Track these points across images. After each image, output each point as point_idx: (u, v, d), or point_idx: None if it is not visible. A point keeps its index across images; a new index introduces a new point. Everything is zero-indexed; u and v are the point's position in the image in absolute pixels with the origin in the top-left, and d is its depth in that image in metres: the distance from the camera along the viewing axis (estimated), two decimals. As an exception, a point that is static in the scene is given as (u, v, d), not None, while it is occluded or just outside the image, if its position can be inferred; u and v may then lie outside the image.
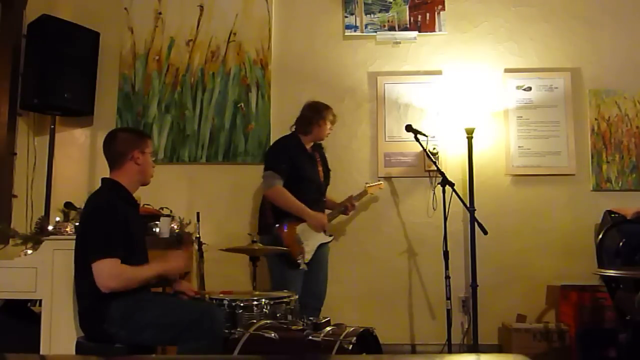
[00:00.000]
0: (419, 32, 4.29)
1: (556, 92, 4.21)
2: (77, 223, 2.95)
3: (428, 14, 4.30)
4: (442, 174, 3.61)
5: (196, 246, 3.69)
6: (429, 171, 4.12)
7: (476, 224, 3.54)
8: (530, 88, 4.22)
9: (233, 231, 3.85)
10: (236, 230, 3.80)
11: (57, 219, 3.24)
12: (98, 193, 2.56)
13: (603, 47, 4.25)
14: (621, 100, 4.19)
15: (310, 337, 2.30)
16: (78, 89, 4.08)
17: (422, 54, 4.29)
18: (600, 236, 3.54)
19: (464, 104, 4.10)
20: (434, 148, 4.11)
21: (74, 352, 2.46)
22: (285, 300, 2.76)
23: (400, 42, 4.29)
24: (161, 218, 3.61)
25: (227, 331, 2.44)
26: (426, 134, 3.75)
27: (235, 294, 2.84)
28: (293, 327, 2.49)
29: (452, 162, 4.16)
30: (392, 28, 4.31)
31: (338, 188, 3.83)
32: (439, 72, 4.26)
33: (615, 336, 3.32)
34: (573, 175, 4.15)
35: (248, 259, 3.25)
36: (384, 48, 4.31)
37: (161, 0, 4.37)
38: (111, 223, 2.40)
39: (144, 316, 2.36)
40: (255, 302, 2.66)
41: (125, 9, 4.36)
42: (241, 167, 4.25)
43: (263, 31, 4.31)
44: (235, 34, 4.32)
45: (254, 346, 2.31)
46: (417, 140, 3.66)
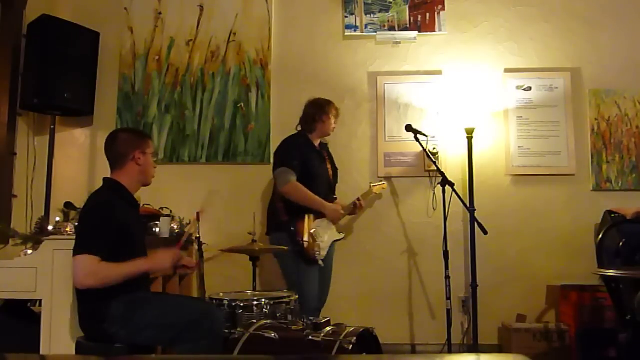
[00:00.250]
0: (419, 32, 4.29)
1: (556, 92, 4.21)
2: (77, 223, 2.95)
3: (428, 14, 4.30)
4: (442, 174, 3.61)
5: (196, 246, 3.69)
6: (429, 171, 4.12)
7: (476, 224, 3.53)
8: (530, 88, 4.22)
9: (233, 231, 3.85)
10: (236, 230, 3.80)
11: (57, 219, 3.23)
12: (98, 192, 2.56)
13: (603, 47, 4.25)
14: (621, 100, 4.19)
15: (310, 337, 2.30)
16: (78, 89, 4.09)
17: (422, 54, 4.29)
18: (600, 236, 3.54)
19: (464, 104, 4.10)
20: (434, 148, 4.11)
21: (74, 352, 2.46)
22: (285, 300, 2.76)
23: (400, 42, 4.29)
24: (161, 218, 3.61)
25: (227, 331, 2.44)
26: (426, 134, 3.75)
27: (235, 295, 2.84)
28: (293, 327, 2.50)
29: (452, 162, 4.16)
30: (392, 28, 4.31)
31: (338, 188, 3.82)
32: (439, 72, 4.26)
33: (615, 336, 3.32)
34: (573, 175, 4.15)
35: (248, 259, 3.26)
36: (384, 48, 4.31)
37: (161, 0, 4.37)
38: (103, 223, 2.39)
39: (144, 316, 2.36)
40: (255, 302, 2.66)
41: (125, 9, 4.36)
42: (241, 167, 4.25)
43: (263, 31, 4.31)
44: (235, 34, 4.32)
45: (254, 346, 2.31)
46: (417, 140, 3.66)
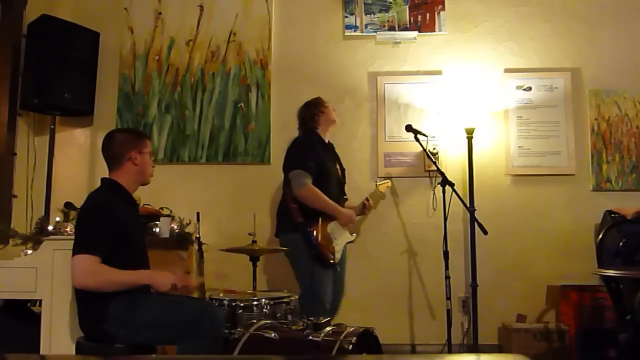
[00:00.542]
0: (419, 32, 4.29)
1: (556, 92, 4.21)
2: (76, 222, 2.95)
3: (428, 14, 4.30)
4: (442, 174, 3.61)
5: (196, 246, 3.69)
6: (429, 171, 4.12)
7: (476, 224, 3.53)
8: (530, 88, 4.22)
9: (233, 231, 3.84)
10: (236, 230, 3.79)
11: (57, 219, 3.23)
12: (97, 192, 2.56)
13: (603, 47, 4.25)
14: (621, 100, 4.19)
15: (310, 337, 2.30)
16: (78, 89, 4.08)
17: (422, 54, 4.29)
18: (600, 236, 3.54)
19: (464, 104, 4.10)
20: (434, 148, 4.11)
21: (74, 352, 2.46)
22: (285, 300, 2.76)
23: (400, 42, 4.29)
24: (161, 218, 3.61)
25: (227, 331, 2.44)
26: (426, 134, 3.75)
27: (237, 294, 2.84)
28: (293, 327, 2.50)
29: (452, 162, 4.16)
30: (392, 28, 4.31)
31: (338, 188, 3.83)
32: (439, 72, 4.26)
33: (615, 336, 3.32)
34: (573, 175, 4.15)
35: (248, 259, 3.26)
36: (384, 48, 4.31)
37: (161, 0, 4.37)
38: (102, 222, 2.39)
39: (144, 316, 2.36)
40: (255, 302, 2.66)
41: (125, 9, 4.36)
42: (241, 167, 4.25)
43: (263, 31, 4.31)
44: (235, 34, 4.32)
45: (254, 346, 2.31)
46: (417, 140, 3.66)
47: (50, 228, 3.11)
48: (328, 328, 2.38)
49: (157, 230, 3.55)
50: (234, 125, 4.25)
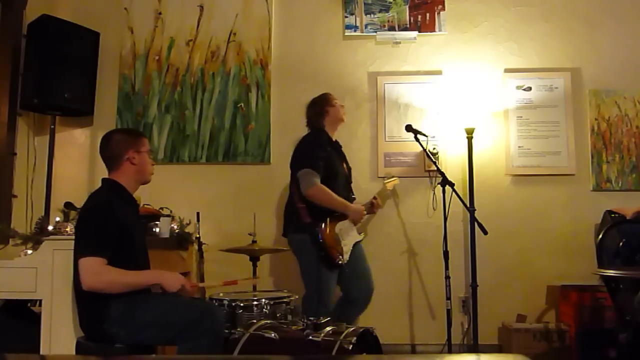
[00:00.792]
0: (419, 32, 4.29)
1: (556, 92, 4.21)
2: (77, 224, 2.94)
3: (428, 14, 4.30)
4: (442, 174, 3.61)
5: (196, 246, 3.69)
6: (429, 171, 4.12)
7: (476, 224, 3.53)
8: (530, 88, 4.22)
9: (233, 231, 3.84)
10: (236, 230, 3.79)
11: (57, 219, 3.23)
12: (97, 192, 2.56)
13: (603, 47, 4.25)
14: (621, 100, 4.19)
15: (310, 337, 2.30)
16: (78, 89, 4.08)
17: (422, 54, 4.29)
18: (600, 236, 3.54)
19: (464, 104, 4.10)
20: (434, 148, 4.11)
21: (74, 352, 2.45)
22: (285, 300, 2.76)
23: (400, 42, 4.29)
24: (161, 218, 3.61)
25: (227, 331, 2.44)
26: (426, 134, 3.74)
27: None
28: (293, 327, 2.50)
29: (452, 162, 4.16)
30: (392, 28, 4.31)
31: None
32: (439, 72, 4.27)
33: (615, 336, 3.32)
34: (573, 175, 4.15)
35: (248, 259, 3.26)
36: (384, 48, 4.31)
37: (161, 0, 4.38)
38: (105, 223, 2.39)
39: (144, 316, 2.36)
40: (255, 302, 2.66)
41: (125, 9, 4.36)
42: (241, 167, 4.25)
43: (263, 31, 4.31)
44: (235, 34, 4.32)
45: (254, 346, 2.31)
46: (417, 140, 3.65)
47: (50, 228, 3.11)
48: (328, 328, 2.38)
49: (157, 230, 3.54)
50: (234, 125, 4.25)
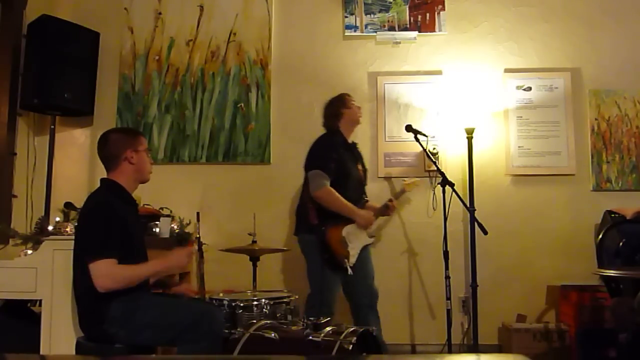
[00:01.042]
0: (419, 32, 4.29)
1: (556, 92, 4.21)
2: (78, 225, 2.95)
3: (428, 14, 4.30)
4: (442, 174, 3.60)
5: (196, 246, 3.69)
6: (429, 171, 4.12)
7: (476, 224, 3.53)
8: (530, 88, 4.22)
9: (233, 231, 3.84)
10: (236, 230, 3.79)
11: (57, 219, 3.23)
12: (96, 193, 2.56)
13: (603, 47, 4.25)
14: (621, 100, 4.19)
15: (310, 337, 2.30)
16: (78, 89, 4.08)
17: (422, 54, 4.29)
18: (600, 236, 3.54)
19: (464, 104, 4.10)
20: (434, 148, 4.11)
21: (74, 352, 2.45)
22: (285, 300, 2.76)
23: (400, 42, 4.29)
24: (161, 218, 3.61)
25: (227, 331, 2.44)
26: (426, 134, 3.73)
27: (235, 295, 2.84)
28: (293, 327, 2.50)
29: (452, 162, 4.16)
30: (392, 28, 4.31)
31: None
32: (439, 72, 4.26)
33: (615, 336, 3.32)
34: (573, 175, 4.15)
35: (248, 259, 3.25)
36: (384, 48, 4.31)
37: (161, 0, 4.38)
38: (108, 223, 2.39)
39: (144, 316, 2.36)
40: (255, 302, 2.66)
41: (125, 9, 4.36)
42: (241, 167, 4.25)
43: (263, 31, 4.31)
44: (235, 34, 4.32)
45: (254, 346, 2.31)
46: (417, 140, 3.65)
47: (50, 228, 3.11)
48: (328, 328, 2.38)
49: (157, 230, 3.55)
50: (234, 125, 4.25)
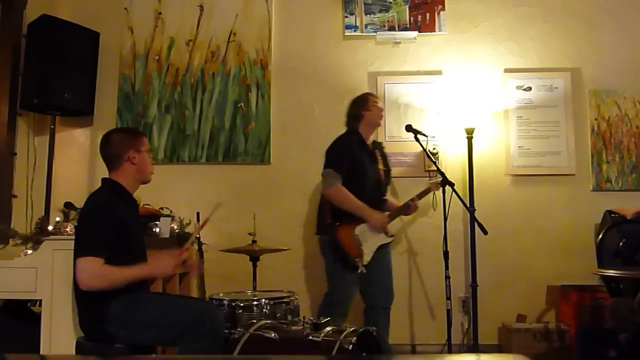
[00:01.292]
0: (419, 32, 4.29)
1: (556, 92, 4.21)
2: (77, 224, 2.95)
3: (428, 14, 4.30)
4: (442, 174, 3.60)
5: (196, 246, 3.69)
6: (429, 171, 4.11)
7: (476, 224, 3.53)
8: (530, 88, 4.22)
9: (233, 231, 3.84)
10: (236, 230, 3.80)
11: (57, 219, 3.23)
12: (97, 193, 2.56)
13: (603, 47, 4.25)
14: (621, 100, 4.19)
15: (310, 337, 2.30)
16: (78, 89, 4.08)
17: (422, 54, 4.29)
18: (600, 236, 3.54)
19: (464, 104, 4.10)
20: (434, 148, 4.11)
21: (74, 352, 2.45)
22: (285, 300, 2.76)
23: (400, 42, 4.29)
24: (161, 218, 3.61)
25: (227, 331, 2.44)
26: (426, 134, 3.73)
27: (235, 295, 2.84)
28: (293, 327, 2.50)
29: (452, 162, 4.17)
30: (392, 28, 4.31)
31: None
32: (439, 72, 4.27)
33: (615, 336, 3.32)
34: (573, 175, 4.15)
35: (248, 259, 3.26)
36: (384, 48, 4.31)
37: (161, 0, 4.37)
38: (103, 223, 2.39)
39: (144, 316, 2.36)
40: (255, 302, 2.66)
41: (125, 9, 4.36)
42: (241, 167, 4.25)
43: (263, 31, 4.31)
44: (235, 34, 4.32)
45: (254, 346, 2.31)
46: (417, 140, 3.64)
47: (50, 228, 3.11)
48: (328, 328, 2.38)
49: (157, 230, 3.54)
50: (234, 125, 4.25)
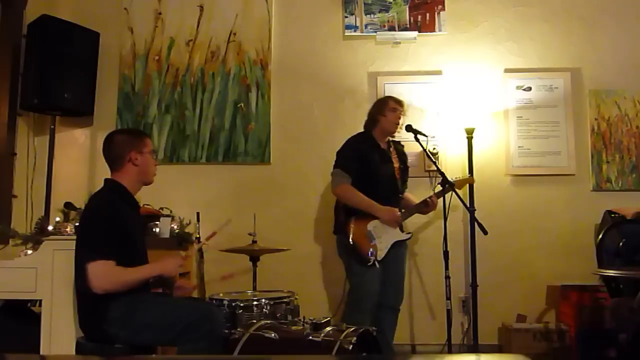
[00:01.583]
0: (419, 32, 4.29)
1: (556, 92, 4.21)
2: (77, 223, 2.95)
3: (428, 14, 4.30)
4: (442, 174, 3.59)
5: (196, 246, 3.69)
6: (429, 171, 4.11)
7: (476, 224, 3.53)
8: (530, 88, 4.22)
9: (233, 231, 3.84)
10: (236, 230, 3.80)
11: (57, 219, 3.23)
12: (99, 193, 2.56)
13: (603, 47, 4.25)
14: (621, 100, 4.19)
15: (310, 337, 2.30)
16: (78, 89, 4.09)
17: (422, 54, 4.29)
18: (600, 236, 3.54)
19: (464, 104, 4.10)
20: (434, 148, 4.11)
21: (74, 352, 2.46)
22: (285, 300, 2.76)
23: (400, 42, 4.29)
24: (161, 218, 3.61)
25: (227, 331, 2.44)
26: (426, 134, 3.73)
27: (235, 295, 2.84)
28: (293, 327, 2.50)
29: (452, 162, 4.16)
30: (392, 28, 4.31)
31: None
32: (439, 72, 4.26)
33: (615, 336, 3.32)
34: (573, 175, 4.15)
35: (248, 259, 3.26)
36: (384, 48, 4.31)
37: (161, 0, 4.37)
38: (108, 224, 2.39)
39: (144, 316, 2.36)
40: (255, 302, 2.66)
41: (125, 9, 4.36)
42: (241, 167, 4.25)
43: (263, 31, 4.31)
44: (235, 34, 4.32)
45: (254, 346, 2.31)
46: (417, 140, 3.64)
47: (50, 228, 3.11)
48: (328, 328, 2.38)
49: (157, 230, 3.54)
50: (234, 125, 4.25)
